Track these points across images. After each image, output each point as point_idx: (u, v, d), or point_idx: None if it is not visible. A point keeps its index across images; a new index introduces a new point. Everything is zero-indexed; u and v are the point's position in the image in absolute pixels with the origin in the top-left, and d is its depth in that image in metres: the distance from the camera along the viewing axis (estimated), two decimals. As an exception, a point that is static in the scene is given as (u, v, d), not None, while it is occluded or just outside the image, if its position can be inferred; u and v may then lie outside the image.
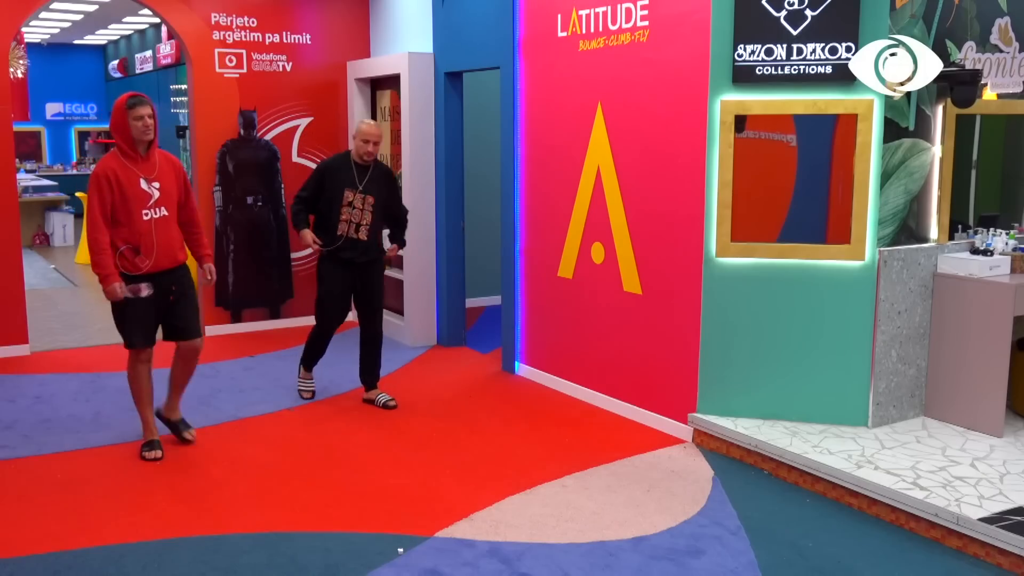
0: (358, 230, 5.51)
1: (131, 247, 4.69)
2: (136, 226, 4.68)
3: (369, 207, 5.51)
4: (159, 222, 4.75)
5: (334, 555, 3.81)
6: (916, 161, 4.94)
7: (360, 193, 5.48)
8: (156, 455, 4.86)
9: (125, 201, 4.65)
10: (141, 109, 4.63)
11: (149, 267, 4.73)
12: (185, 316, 4.96)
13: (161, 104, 14.83)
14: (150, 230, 4.72)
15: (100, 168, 4.68)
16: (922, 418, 5.08)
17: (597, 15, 5.57)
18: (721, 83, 4.85)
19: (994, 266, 4.86)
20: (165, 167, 4.83)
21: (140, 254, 4.70)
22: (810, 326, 4.91)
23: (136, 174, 4.69)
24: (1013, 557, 3.67)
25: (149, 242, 4.71)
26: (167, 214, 4.80)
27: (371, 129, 5.47)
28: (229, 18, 7.60)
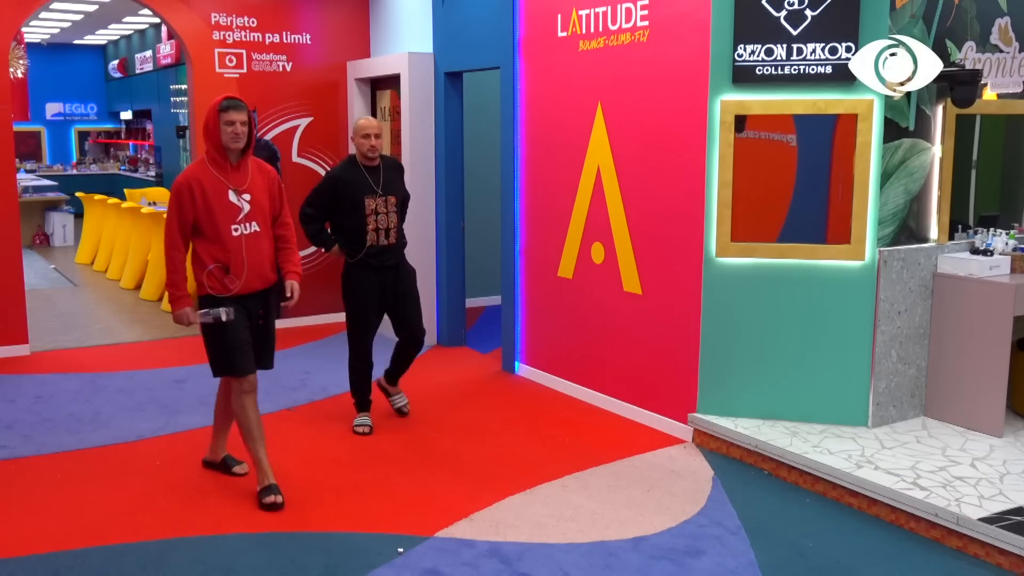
0: (387, 235, 5.18)
1: (220, 265, 4.20)
2: (225, 242, 4.19)
3: (393, 208, 5.20)
4: (250, 239, 4.25)
5: (334, 555, 3.81)
6: (916, 161, 4.94)
7: (381, 197, 5.15)
8: (276, 501, 4.25)
9: (212, 215, 4.16)
10: (233, 114, 4.15)
11: (239, 288, 4.24)
12: (267, 342, 4.50)
13: (161, 104, 14.85)
14: (240, 247, 4.21)
15: (183, 177, 4.18)
16: (922, 418, 5.08)
17: (597, 15, 5.57)
18: (721, 83, 4.85)
19: (994, 266, 4.86)
20: (257, 178, 4.33)
21: (229, 273, 4.20)
22: (810, 326, 4.91)
23: (224, 185, 4.19)
24: (1013, 557, 3.67)
25: (239, 260, 4.21)
26: (259, 230, 4.29)
27: (367, 121, 5.16)
28: (229, 18, 7.60)
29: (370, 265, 5.18)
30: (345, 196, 5.10)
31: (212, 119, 4.17)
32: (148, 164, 16.74)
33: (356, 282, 5.21)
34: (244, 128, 4.18)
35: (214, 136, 4.17)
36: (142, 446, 5.11)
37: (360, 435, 5.27)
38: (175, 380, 6.41)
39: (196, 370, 6.66)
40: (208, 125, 4.19)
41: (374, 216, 5.12)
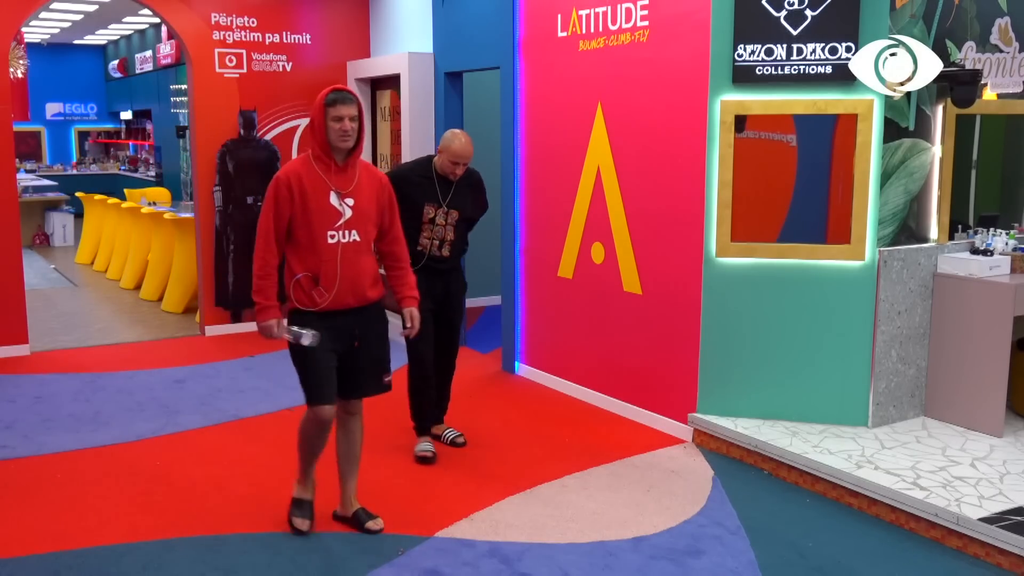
0: (441, 247, 4.86)
1: (309, 275, 3.77)
2: (318, 250, 3.74)
3: (453, 223, 4.86)
4: (347, 248, 3.77)
5: (334, 555, 3.81)
6: (916, 161, 4.93)
7: (443, 208, 4.83)
8: (305, 525, 4.02)
9: (308, 217, 3.73)
10: (342, 108, 3.70)
11: (327, 303, 3.77)
12: (363, 369, 3.94)
13: (161, 104, 14.85)
14: (334, 257, 3.75)
15: (283, 172, 3.79)
16: (922, 418, 5.08)
17: (597, 15, 5.57)
18: (721, 83, 4.85)
19: (994, 266, 4.86)
20: (366, 182, 3.85)
21: (319, 285, 3.76)
22: (810, 326, 4.90)
23: (327, 185, 3.75)
24: (1013, 557, 3.67)
25: (331, 271, 3.75)
26: (359, 240, 3.80)
27: (463, 150, 4.70)
28: (229, 18, 7.60)
29: (420, 269, 4.76)
30: (405, 196, 4.64)
31: (318, 114, 3.74)
32: (148, 164, 16.75)
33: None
34: (354, 125, 3.73)
35: (320, 133, 3.75)
36: (142, 446, 5.11)
37: (423, 463, 4.85)
38: (175, 380, 6.41)
39: (196, 370, 6.67)
40: (314, 120, 3.77)
41: (431, 225, 4.83)
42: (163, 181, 14.85)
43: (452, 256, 4.93)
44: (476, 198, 5.03)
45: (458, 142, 4.71)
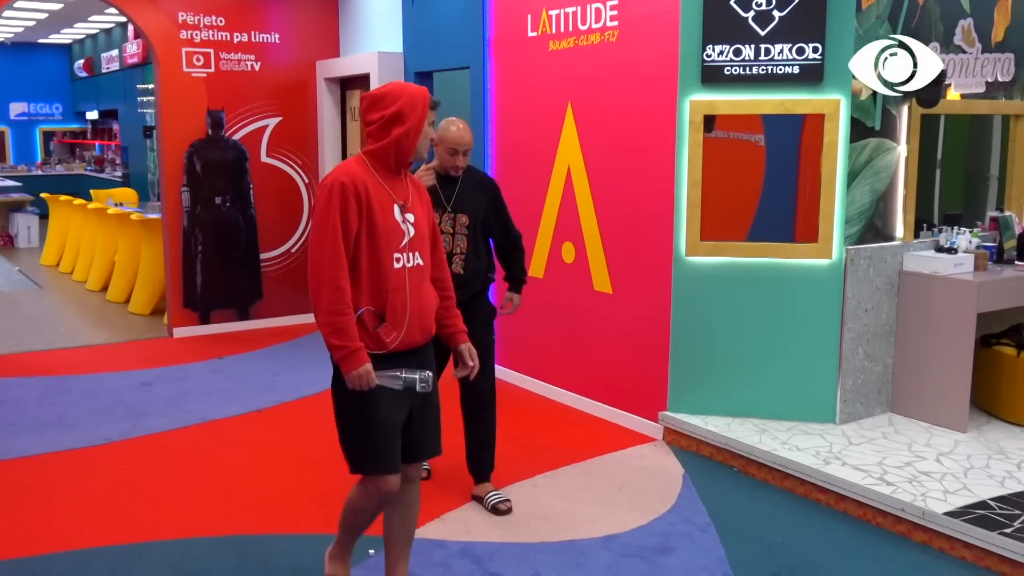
0: (451, 261, 4.09)
1: (372, 310, 3.04)
2: (385, 276, 3.04)
3: (463, 229, 4.21)
4: (413, 274, 3.12)
5: (305, 558, 3.77)
6: (882, 160, 4.99)
7: (448, 213, 4.20)
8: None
9: (374, 235, 3.02)
10: (433, 113, 3.23)
11: (396, 343, 3.07)
12: (427, 422, 3.26)
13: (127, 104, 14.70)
14: (403, 285, 3.07)
15: (345, 176, 3.01)
16: (888, 414, 5.14)
17: (567, 15, 5.58)
18: (690, 83, 4.88)
19: (958, 264, 4.93)
20: (415, 196, 3.22)
21: (385, 321, 3.05)
22: (779, 324, 4.95)
23: (391, 197, 3.09)
24: (976, 550, 3.72)
25: (400, 303, 3.06)
26: (422, 264, 3.17)
27: (460, 136, 4.12)
28: (196, 17, 7.54)
29: None
30: None
31: (418, 116, 3.10)
32: (115, 164, 16.56)
33: None
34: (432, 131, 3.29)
35: (407, 138, 3.09)
36: (108, 450, 5.05)
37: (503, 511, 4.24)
38: (142, 383, 6.35)
39: (163, 372, 6.61)
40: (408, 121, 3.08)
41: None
42: (130, 182, 14.69)
43: (468, 273, 4.19)
44: (495, 203, 4.33)
45: (454, 128, 4.16)
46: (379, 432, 3.09)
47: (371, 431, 3.09)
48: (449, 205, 4.22)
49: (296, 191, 8.17)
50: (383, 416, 3.08)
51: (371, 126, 3.09)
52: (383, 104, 3.09)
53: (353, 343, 2.95)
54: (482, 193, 4.29)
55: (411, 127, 3.08)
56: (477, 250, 4.25)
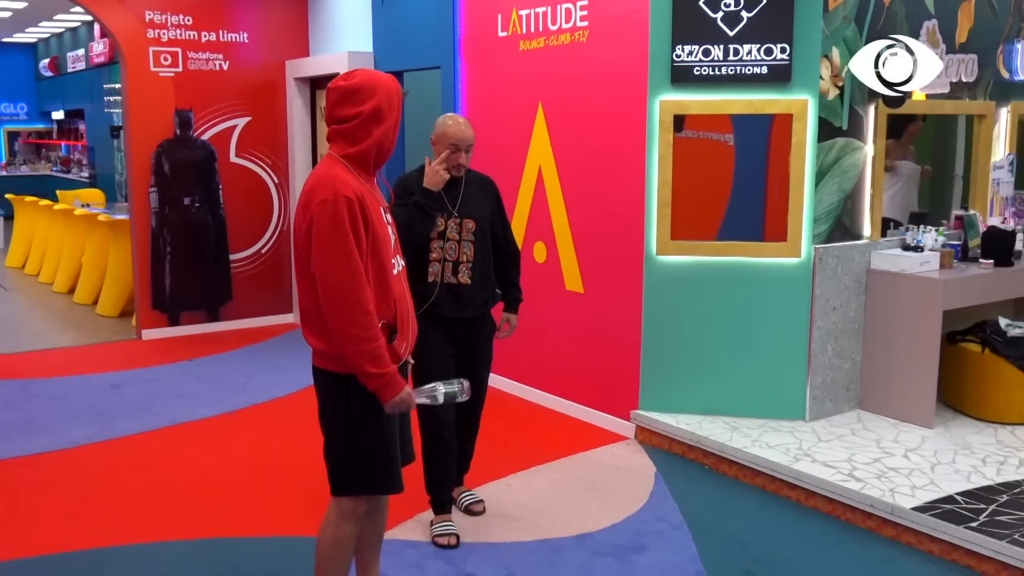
0: (456, 270, 3.82)
1: (384, 323, 2.82)
2: (389, 287, 2.84)
3: (470, 236, 3.85)
4: (403, 277, 2.99)
5: (277, 560, 3.76)
6: (849, 160, 5.04)
7: (455, 218, 3.83)
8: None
9: (376, 246, 2.81)
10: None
11: (406, 352, 2.95)
12: (404, 427, 3.07)
13: (94, 104, 14.53)
14: (403, 291, 2.94)
15: (346, 190, 2.72)
16: (857, 411, 5.20)
17: (537, 15, 5.59)
18: (660, 83, 4.90)
19: (924, 262, 4.99)
20: (380, 194, 3.01)
21: (397, 333, 2.86)
22: (749, 322, 4.98)
23: (376, 201, 2.88)
24: (943, 544, 3.77)
25: (405, 310, 2.92)
26: (404, 265, 3.07)
27: (462, 132, 3.78)
28: (164, 16, 7.47)
29: (438, 317, 3.82)
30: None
31: (389, 104, 2.82)
32: (81, 165, 16.36)
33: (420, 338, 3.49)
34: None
35: (393, 131, 2.86)
36: (77, 453, 4.99)
37: (443, 547, 3.90)
38: (111, 385, 6.28)
39: (133, 375, 6.54)
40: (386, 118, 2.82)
41: (440, 241, 3.81)
42: (97, 182, 14.52)
43: (475, 285, 3.86)
44: (498, 208, 4.05)
45: (453, 122, 3.80)
46: (391, 452, 2.91)
47: (382, 451, 2.89)
48: (455, 209, 3.84)
49: (266, 191, 8.12)
50: (393, 435, 2.90)
51: (345, 124, 2.80)
52: (358, 99, 2.78)
53: (389, 368, 2.74)
54: (485, 196, 3.98)
55: (390, 125, 2.83)
56: (485, 258, 3.90)
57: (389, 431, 2.88)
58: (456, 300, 3.83)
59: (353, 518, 2.96)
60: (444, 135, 3.79)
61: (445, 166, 3.72)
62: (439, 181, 3.69)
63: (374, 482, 2.92)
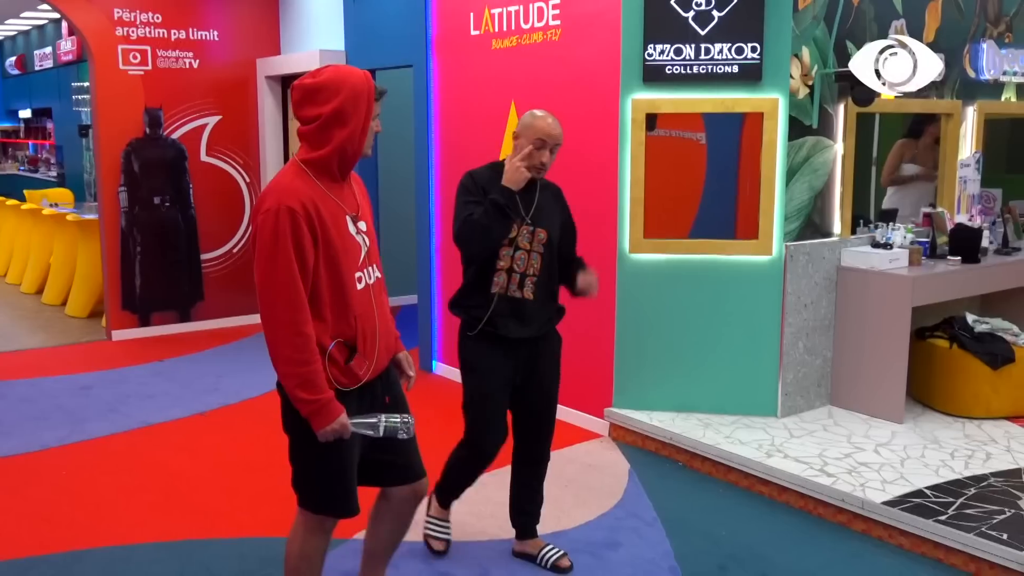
0: (522, 284, 3.43)
1: (341, 342, 2.66)
2: (349, 302, 2.66)
3: (540, 247, 3.46)
4: (376, 291, 2.79)
5: (249, 561, 3.75)
6: (820, 158, 5.09)
7: (528, 225, 3.44)
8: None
9: (334, 259, 2.62)
10: (378, 105, 2.74)
11: (369, 373, 2.74)
12: (403, 446, 2.91)
13: (62, 102, 14.36)
14: (369, 307, 2.73)
15: (291, 198, 2.55)
16: (828, 407, 5.25)
17: (509, 14, 5.59)
18: (632, 82, 4.92)
19: (893, 259, 5.05)
20: (361, 196, 2.85)
21: (357, 352, 2.68)
22: (721, 320, 5.02)
23: (340, 208, 2.68)
24: (913, 537, 3.82)
25: (369, 328, 2.72)
26: (380, 276, 2.84)
27: (551, 126, 3.38)
28: (132, 14, 7.39)
29: (497, 336, 3.44)
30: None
31: (359, 108, 2.63)
32: (49, 164, 16.17)
33: (476, 352, 3.51)
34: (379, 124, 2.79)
35: (356, 135, 2.65)
36: (46, 456, 4.94)
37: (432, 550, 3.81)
38: (80, 387, 6.22)
39: (102, 376, 6.48)
40: (348, 114, 2.62)
41: (510, 249, 3.41)
42: (65, 181, 14.36)
43: (538, 301, 3.47)
44: (567, 222, 3.68)
45: (542, 116, 3.39)
46: (344, 474, 2.74)
47: (336, 473, 2.74)
48: (528, 215, 3.43)
49: (237, 190, 8.07)
50: (350, 455, 2.72)
51: (307, 125, 2.63)
52: (320, 99, 2.60)
53: (323, 394, 2.57)
54: (557, 205, 3.58)
55: (355, 128, 2.62)
56: (551, 275, 3.52)
57: (339, 453, 2.69)
58: (516, 316, 3.43)
59: (320, 532, 2.86)
60: (531, 127, 3.37)
61: (527, 163, 3.34)
62: (520, 179, 3.32)
63: (327, 503, 2.81)
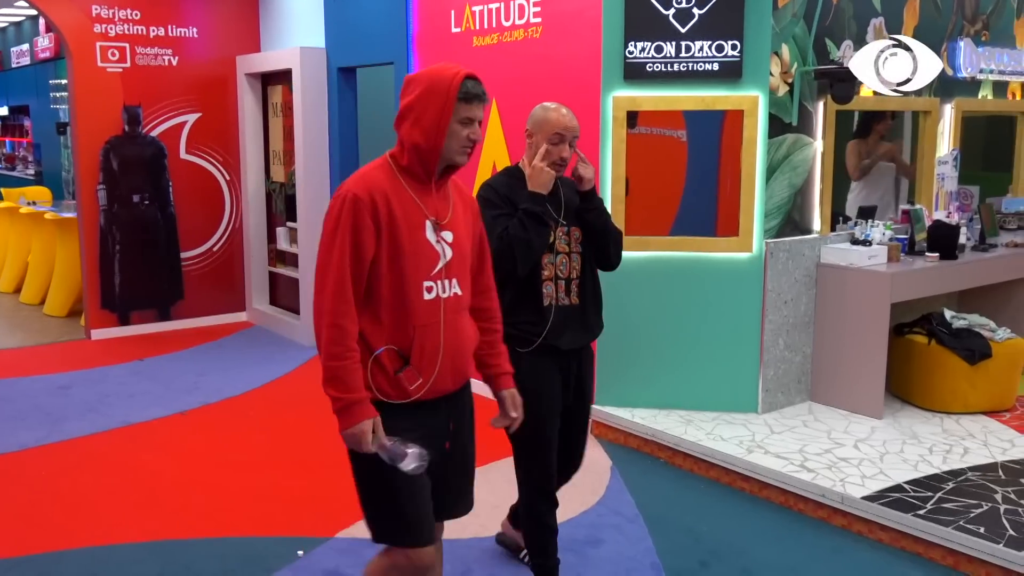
0: (569, 289, 3.22)
1: (394, 349, 2.48)
2: (411, 310, 2.47)
3: (577, 246, 3.24)
4: (450, 306, 2.55)
5: (231, 561, 3.74)
6: (799, 155, 5.12)
7: (563, 226, 3.21)
8: None
9: (399, 259, 2.45)
10: (478, 108, 2.53)
11: (422, 391, 2.52)
12: (459, 477, 2.74)
13: (40, 99, 14.24)
14: (436, 320, 2.51)
15: (361, 186, 2.44)
16: (808, 403, 5.29)
17: (490, 11, 5.59)
18: (613, 79, 4.93)
19: (872, 256, 5.09)
20: (460, 208, 2.65)
21: (409, 365, 2.48)
22: (702, 317, 5.04)
23: (421, 212, 2.51)
24: (893, 532, 3.86)
25: (431, 343, 2.50)
26: (460, 293, 2.60)
27: (567, 119, 3.13)
28: (111, 11, 7.34)
29: (553, 350, 3.21)
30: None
31: (440, 107, 2.45)
32: (27, 162, 16.02)
33: (532, 372, 3.17)
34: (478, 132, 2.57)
35: (433, 134, 2.46)
36: (25, 456, 4.90)
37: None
38: (59, 387, 6.17)
39: (82, 375, 6.44)
40: (427, 113, 2.45)
41: (551, 255, 3.18)
42: (43, 180, 14.23)
43: (584, 305, 3.28)
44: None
45: (555, 109, 3.16)
46: (410, 497, 2.51)
47: (400, 495, 2.51)
48: (560, 215, 3.19)
49: (217, 188, 8.03)
50: (409, 482, 2.47)
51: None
52: (406, 92, 2.48)
53: (352, 394, 2.40)
54: (576, 198, 3.25)
55: (429, 126, 2.43)
56: (593, 273, 3.31)
57: (406, 483, 2.47)
58: (570, 326, 3.22)
59: (396, 570, 2.60)
60: (544, 122, 3.13)
61: (548, 161, 3.10)
62: (548, 181, 3.06)
63: (392, 532, 2.57)
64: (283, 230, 7.74)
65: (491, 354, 2.80)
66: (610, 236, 3.26)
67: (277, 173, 7.84)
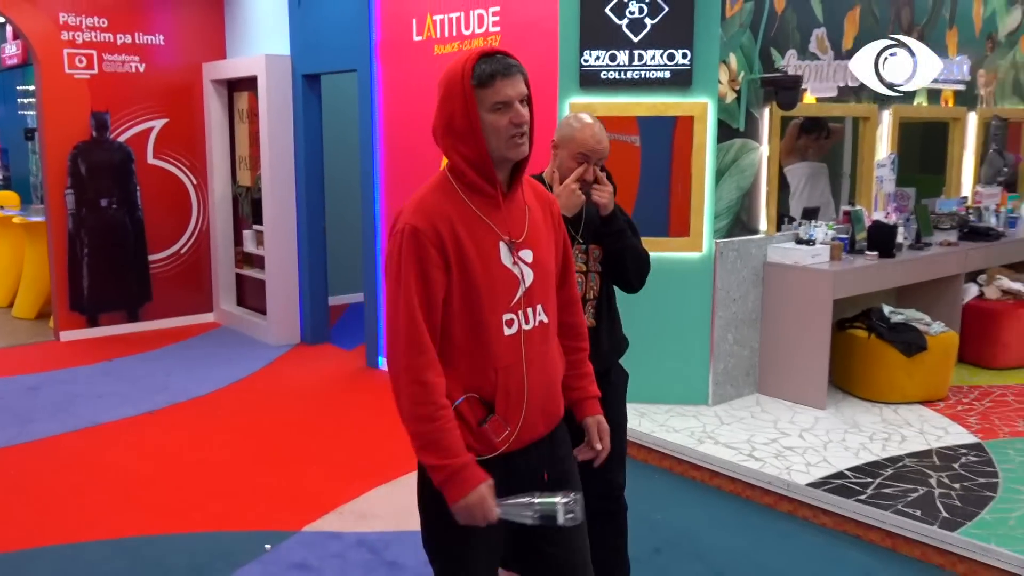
0: (584, 310, 2.86)
1: (476, 397, 2.11)
2: (491, 351, 2.09)
3: (596, 265, 3.05)
4: (534, 340, 2.16)
5: (199, 555, 3.81)
6: (746, 159, 5.32)
7: (580, 244, 3.01)
8: None
9: (471, 294, 2.07)
10: (507, 85, 2.05)
11: (509, 442, 2.13)
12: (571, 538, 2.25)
13: (7, 106, 14.15)
14: (518, 360, 2.12)
15: (418, 214, 2.06)
16: (756, 395, 5.47)
17: (451, 20, 5.73)
18: (569, 87, 5.09)
19: (815, 255, 5.29)
20: (539, 214, 2.23)
21: (495, 414, 2.10)
22: (655, 314, 5.20)
23: (492, 232, 2.10)
24: (835, 516, 4.03)
25: (516, 386, 2.12)
26: (547, 321, 2.20)
27: (595, 139, 2.95)
28: (78, 18, 7.40)
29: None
30: None
31: (460, 101, 2.05)
32: (-9, 167, 15.90)
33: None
34: (527, 110, 2.11)
35: (468, 135, 2.06)
36: (-4, 457, 4.97)
37: None
38: (28, 387, 6.23)
39: (51, 376, 6.48)
40: (452, 113, 2.07)
41: None
42: (11, 184, 14.15)
43: (602, 327, 3.07)
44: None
45: (586, 126, 2.94)
46: (475, 558, 2.17)
47: (464, 555, 2.17)
48: (578, 234, 2.99)
49: (184, 192, 8.11)
50: (482, 536, 2.12)
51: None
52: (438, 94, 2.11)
53: (456, 459, 2.02)
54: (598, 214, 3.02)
55: (463, 132, 2.06)
56: (610, 294, 3.12)
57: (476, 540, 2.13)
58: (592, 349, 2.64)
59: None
60: (572, 140, 2.93)
61: (578, 184, 2.90)
62: (578, 204, 2.89)
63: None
64: (249, 233, 7.84)
65: (575, 375, 2.35)
66: (628, 259, 3.03)
67: (243, 177, 7.93)
